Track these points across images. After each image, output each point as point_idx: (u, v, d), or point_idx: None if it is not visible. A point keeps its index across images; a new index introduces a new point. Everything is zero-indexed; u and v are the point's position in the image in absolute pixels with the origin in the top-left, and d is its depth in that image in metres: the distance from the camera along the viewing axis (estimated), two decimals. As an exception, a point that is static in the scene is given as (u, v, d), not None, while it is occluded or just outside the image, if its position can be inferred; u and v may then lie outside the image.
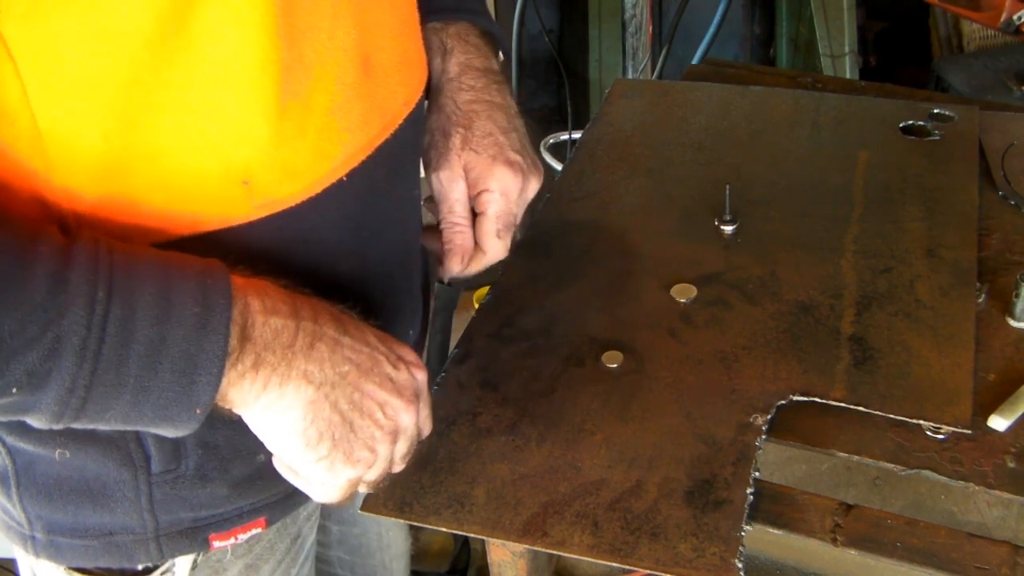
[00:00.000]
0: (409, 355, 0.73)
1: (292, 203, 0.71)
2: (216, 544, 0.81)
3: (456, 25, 0.92)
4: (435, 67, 0.91)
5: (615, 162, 1.19)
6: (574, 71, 2.87)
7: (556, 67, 2.90)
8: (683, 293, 0.97)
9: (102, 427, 0.62)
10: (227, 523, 0.81)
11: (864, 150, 1.18)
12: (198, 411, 0.62)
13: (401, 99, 0.80)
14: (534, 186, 0.91)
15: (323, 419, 0.67)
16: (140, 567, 0.81)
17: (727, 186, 1.06)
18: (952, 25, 2.54)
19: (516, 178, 0.89)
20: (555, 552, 0.76)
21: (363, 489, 0.74)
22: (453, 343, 0.98)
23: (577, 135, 1.18)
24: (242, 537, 0.82)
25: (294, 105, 0.68)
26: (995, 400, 0.84)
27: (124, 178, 0.64)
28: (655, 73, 2.27)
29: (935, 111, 1.23)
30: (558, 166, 0.98)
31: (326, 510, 1.04)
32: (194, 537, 0.80)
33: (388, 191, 0.81)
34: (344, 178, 0.74)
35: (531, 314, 0.97)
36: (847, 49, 2.34)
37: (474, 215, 0.91)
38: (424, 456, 0.82)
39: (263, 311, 0.65)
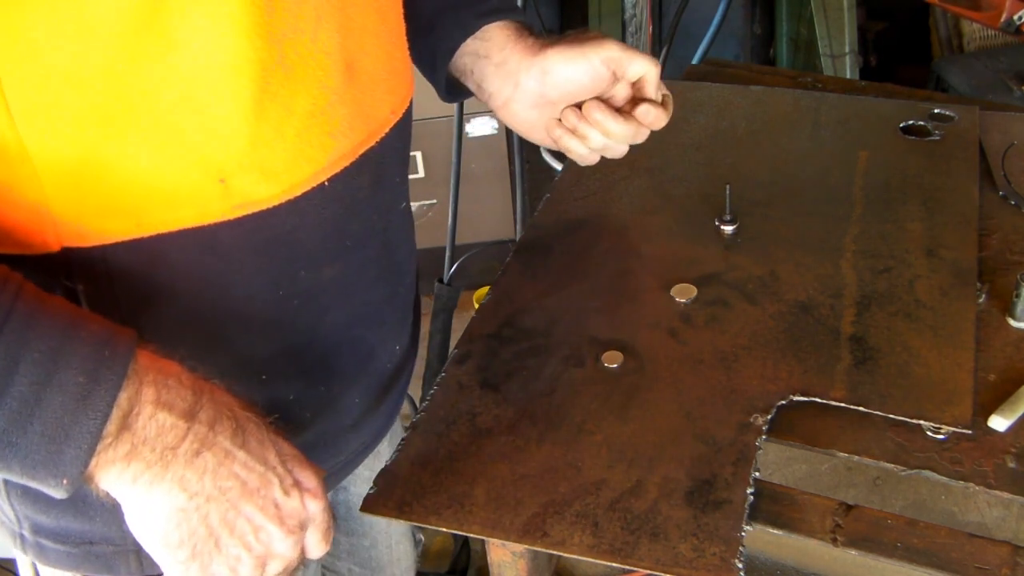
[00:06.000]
0: (309, 481, 0.70)
1: (270, 204, 0.70)
2: None
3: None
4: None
5: (615, 162, 1.19)
6: (574, 71, 2.86)
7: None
8: (683, 293, 0.97)
9: None
10: None
11: (864, 150, 1.18)
12: (64, 481, 0.59)
13: (388, 108, 0.80)
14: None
15: (188, 528, 0.64)
16: None
17: (727, 186, 1.06)
18: (952, 25, 2.54)
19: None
20: (555, 552, 0.76)
21: None
22: (453, 343, 0.98)
23: (578, 135, 1.17)
24: None
25: (273, 106, 0.67)
26: (995, 400, 0.84)
27: (99, 173, 0.64)
28: (655, 73, 2.26)
29: (935, 111, 1.23)
30: (558, 166, 0.98)
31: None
32: None
33: (372, 199, 0.81)
34: (326, 183, 0.74)
35: (531, 314, 0.97)
36: (847, 49, 2.34)
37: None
38: (424, 456, 0.82)
39: (155, 402, 0.62)
